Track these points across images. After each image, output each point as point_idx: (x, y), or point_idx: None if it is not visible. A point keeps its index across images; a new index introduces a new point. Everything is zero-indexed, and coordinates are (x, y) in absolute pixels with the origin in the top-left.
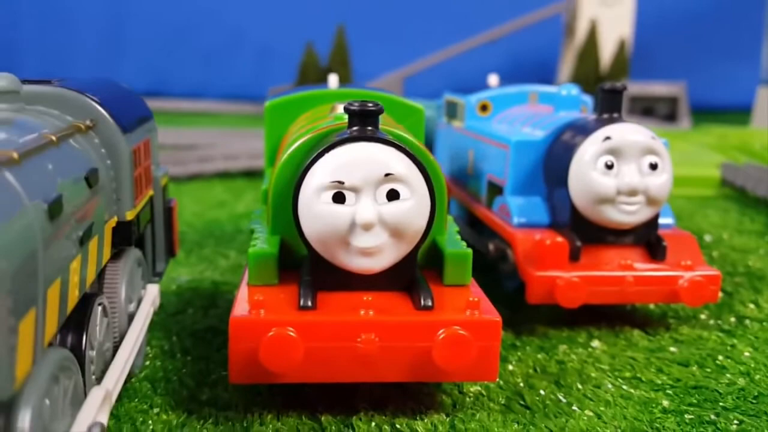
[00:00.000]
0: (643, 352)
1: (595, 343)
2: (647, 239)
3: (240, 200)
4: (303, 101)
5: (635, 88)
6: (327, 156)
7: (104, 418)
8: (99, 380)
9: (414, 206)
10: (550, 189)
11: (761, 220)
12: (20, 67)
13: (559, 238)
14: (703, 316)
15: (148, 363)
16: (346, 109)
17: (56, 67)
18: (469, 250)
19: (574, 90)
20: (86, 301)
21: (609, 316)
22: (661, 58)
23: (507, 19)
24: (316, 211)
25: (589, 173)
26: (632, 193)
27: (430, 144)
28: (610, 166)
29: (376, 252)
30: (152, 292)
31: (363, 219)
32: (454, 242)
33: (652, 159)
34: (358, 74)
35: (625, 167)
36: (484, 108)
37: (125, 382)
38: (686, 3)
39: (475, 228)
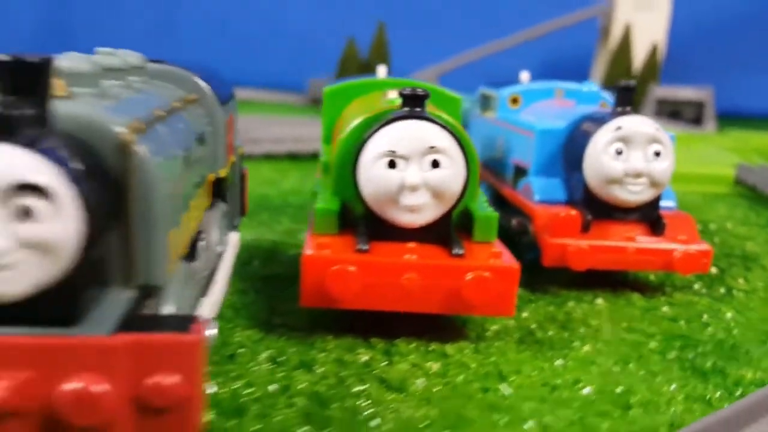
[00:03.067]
0: (639, 309)
1: (599, 301)
2: (650, 217)
3: (286, 179)
4: (356, 88)
5: (663, 91)
6: (383, 130)
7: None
8: None
9: (452, 174)
10: (568, 171)
11: (766, 215)
12: (73, 48)
13: (573, 212)
14: (696, 286)
15: (228, 297)
16: (400, 94)
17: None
18: (496, 213)
19: (594, 87)
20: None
21: (612, 282)
22: (691, 64)
23: (543, 20)
24: (373, 174)
25: (602, 157)
26: (637, 175)
27: None
28: (620, 152)
29: (419, 209)
30: (235, 238)
31: (411, 182)
32: (483, 207)
33: (657, 147)
34: (395, 69)
35: (632, 153)
36: (514, 101)
37: None
38: (720, 12)
39: (500, 207)
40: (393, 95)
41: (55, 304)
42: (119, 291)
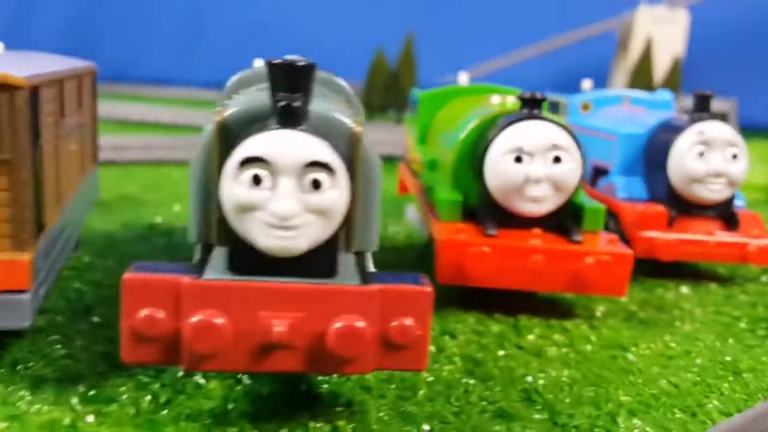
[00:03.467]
0: (720, 297)
1: (683, 289)
2: (725, 214)
3: None
4: (447, 94)
5: (688, 101)
6: (509, 129)
7: None
8: None
9: (571, 169)
10: (648, 171)
11: None
12: (100, 57)
13: (660, 208)
14: (764, 278)
15: None
16: (520, 98)
17: (133, 60)
18: (603, 205)
19: (668, 96)
20: None
21: (691, 274)
22: (710, 76)
23: (561, 32)
24: (500, 168)
25: (686, 159)
26: (717, 175)
27: None
28: (701, 154)
29: (541, 200)
30: None
31: (536, 175)
32: (589, 201)
33: (734, 150)
34: (421, 79)
35: (713, 155)
36: (585, 107)
37: None
38: (738, 23)
39: None
40: (497, 100)
41: (321, 260)
42: (344, 254)
